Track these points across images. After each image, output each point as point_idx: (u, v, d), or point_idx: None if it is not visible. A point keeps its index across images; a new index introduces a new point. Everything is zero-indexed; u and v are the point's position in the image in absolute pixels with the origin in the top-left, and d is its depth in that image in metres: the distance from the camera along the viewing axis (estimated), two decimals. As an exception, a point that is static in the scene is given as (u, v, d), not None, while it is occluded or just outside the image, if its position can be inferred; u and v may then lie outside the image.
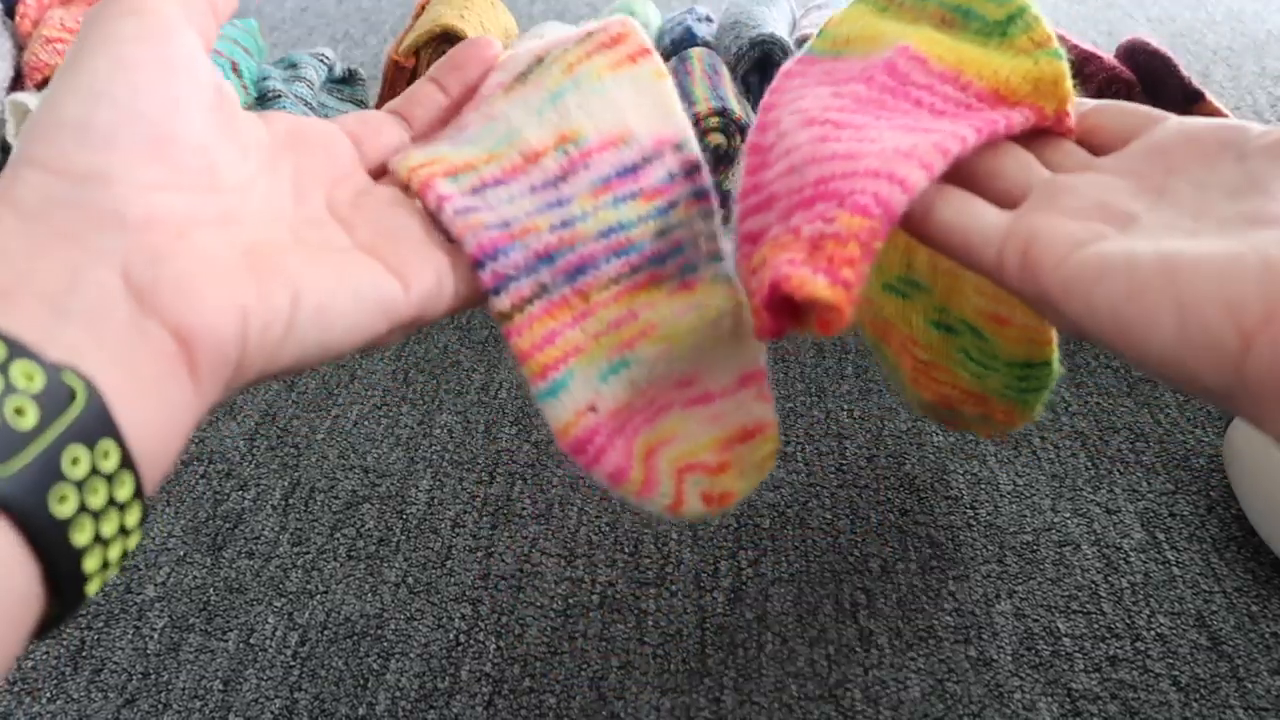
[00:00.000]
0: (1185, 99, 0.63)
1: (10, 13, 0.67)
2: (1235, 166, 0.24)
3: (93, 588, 0.18)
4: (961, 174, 0.27)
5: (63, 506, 0.17)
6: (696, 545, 0.43)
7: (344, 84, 0.71)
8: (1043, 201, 0.26)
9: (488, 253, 0.26)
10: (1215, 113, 0.62)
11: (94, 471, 0.17)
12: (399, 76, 0.67)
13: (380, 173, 0.29)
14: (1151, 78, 0.63)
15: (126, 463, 0.18)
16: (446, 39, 0.67)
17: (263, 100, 0.60)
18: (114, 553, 0.19)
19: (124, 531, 0.19)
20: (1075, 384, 0.53)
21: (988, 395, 0.38)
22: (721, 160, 0.58)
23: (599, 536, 0.44)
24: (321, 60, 0.68)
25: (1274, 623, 0.39)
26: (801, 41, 0.67)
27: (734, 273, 0.30)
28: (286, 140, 0.26)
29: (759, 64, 0.67)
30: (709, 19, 0.73)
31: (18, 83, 0.63)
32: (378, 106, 0.69)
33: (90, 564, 0.18)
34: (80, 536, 0.17)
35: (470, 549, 0.44)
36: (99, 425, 0.18)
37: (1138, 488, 0.46)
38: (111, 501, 0.18)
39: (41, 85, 0.59)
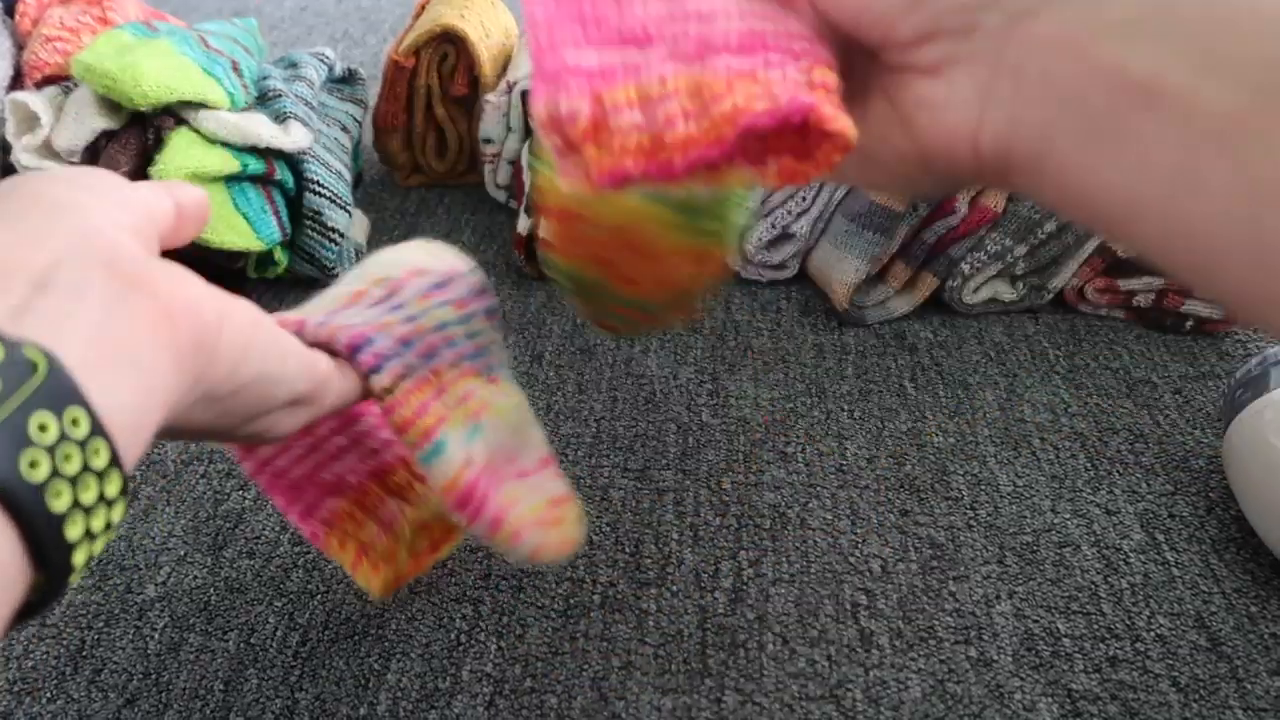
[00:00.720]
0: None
1: (10, 11, 0.67)
2: None
3: (79, 558, 0.19)
4: None
5: (35, 471, 0.17)
6: (697, 546, 0.44)
7: (344, 83, 0.71)
8: None
9: (360, 342, 0.30)
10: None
11: (64, 437, 0.18)
12: (399, 76, 0.68)
13: None
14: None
15: (98, 429, 0.19)
16: (447, 39, 0.67)
17: (263, 99, 0.60)
18: (97, 522, 0.19)
19: (105, 501, 0.19)
20: (1075, 385, 0.53)
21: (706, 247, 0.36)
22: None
23: (600, 537, 0.44)
24: (322, 60, 0.68)
25: (1273, 623, 0.39)
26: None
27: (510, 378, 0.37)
28: None
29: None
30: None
31: (17, 81, 0.63)
32: (377, 106, 0.69)
33: (73, 531, 0.18)
34: (58, 502, 0.18)
35: (471, 549, 0.44)
36: (64, 393, 0.18)
37: (1137, 489, 0.46)
38: (86, 468, 0.19)
39: (41, 84, 0.59)
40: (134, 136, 0.54)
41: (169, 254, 0.26)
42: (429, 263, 0.35)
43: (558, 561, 0.36)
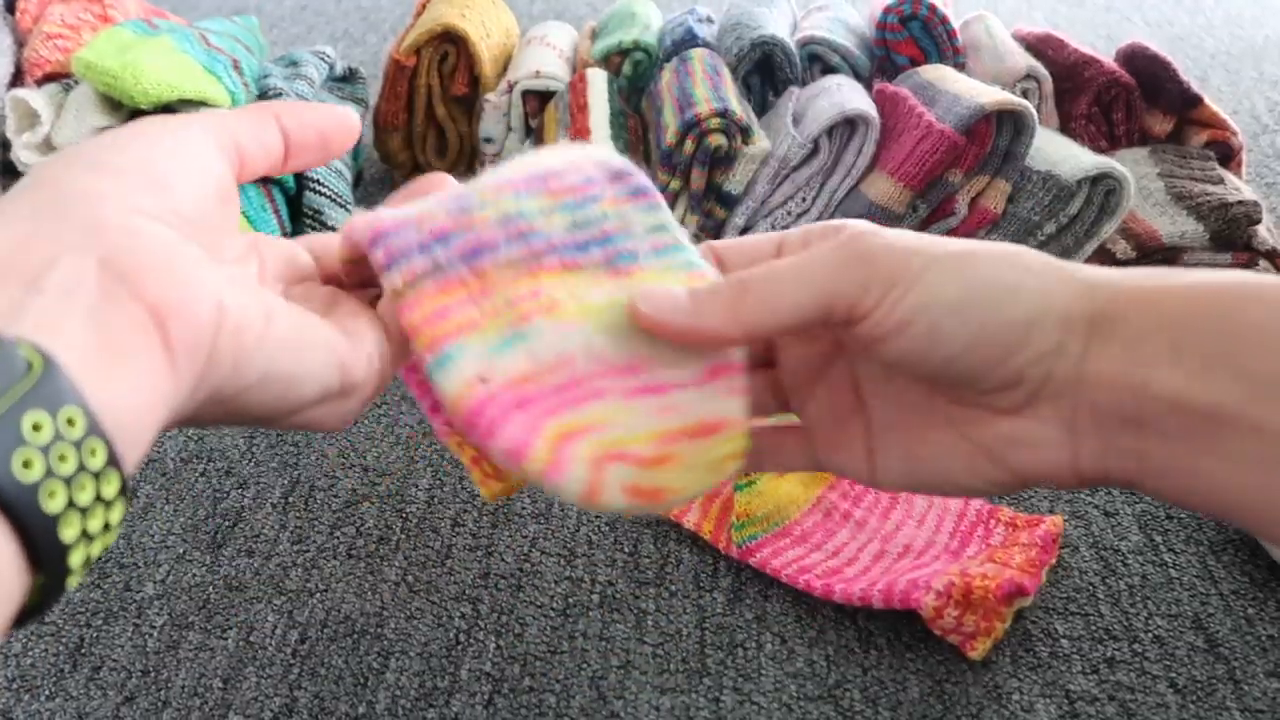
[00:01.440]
0: (1184, 103, 0.63)
1: (11, 8, 0.67)
2: None
3: (76, 559, 0.19)
4: None
5: (29, 471, 0.17)
6: (696, 545, 0.44)
7: (344, 82, 0.71)
8: None
9: (380, 235, 0.27)
10: (1213, 117, 0.63)
11: (59, 437, 0.18)
12: (400, 75, 0.68)
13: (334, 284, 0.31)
14: (1150, 82, 0.64)
15: (94, 430, 0.19)
16: (448, 38, 0.67)
17: (264, 97, 0.60)
18: (94, 522, 0.19)
19: (103, 501, 0.19)
20: (1073, 387, 0.53)
21: None
22: (721, 162, 0.58)
23: (599, 536, 0.44)
24: (322, 58, 0.68)
25: (1270, 625, 0.40)
26: (803, 44, 0.67)
27: (703, 265, 0.30)
28: (254, 243, 0.28)
29: (760, 65, 0.67)
30: (710, 20, 0.73)
31: (18, 79, 0.63)
32: (377, 105, 0.69)
33: (68, 532, 0.18)
34: (52, 503, 0.18)
35: (470, 548, 0.44)
36: (59, 393, 0.18)
37: (1135, 490, 0.46)
38: (82, 468, 0.18)
39: (42, 81, 0.59)
40: (134, 134, 0.54)
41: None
42: (549, 158, 0.30)
43: (634, 514, 0.29)
